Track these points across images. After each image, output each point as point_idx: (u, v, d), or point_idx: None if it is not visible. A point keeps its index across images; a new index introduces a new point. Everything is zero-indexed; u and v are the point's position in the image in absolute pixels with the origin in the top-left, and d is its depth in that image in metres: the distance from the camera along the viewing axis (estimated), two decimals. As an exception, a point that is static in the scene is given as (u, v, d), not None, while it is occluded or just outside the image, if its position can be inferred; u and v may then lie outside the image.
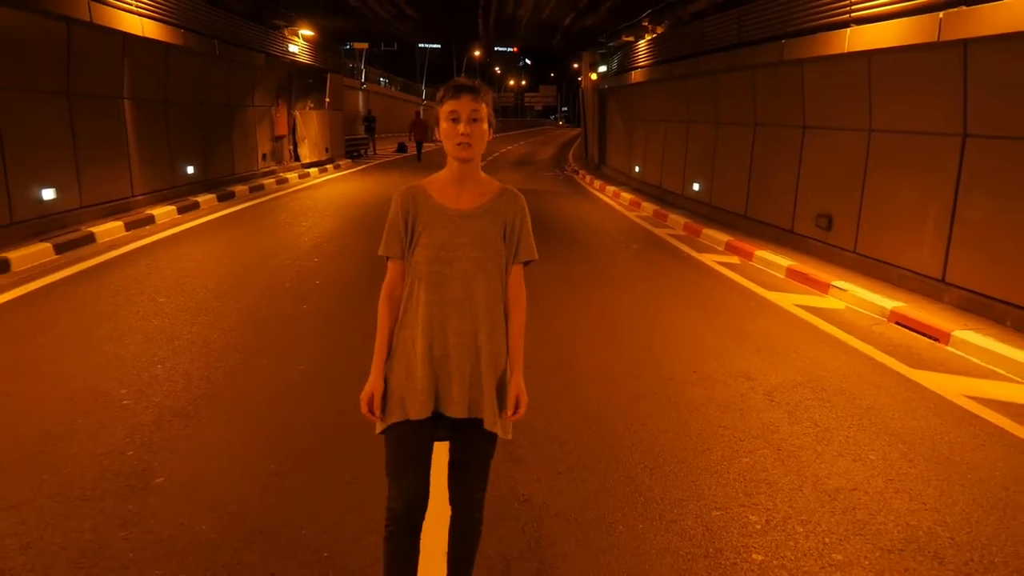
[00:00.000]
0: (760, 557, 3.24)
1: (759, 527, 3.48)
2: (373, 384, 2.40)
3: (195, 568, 3.00)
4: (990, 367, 5.99)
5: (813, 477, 4.00)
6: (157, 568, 2.99)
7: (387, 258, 2.46)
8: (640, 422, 4.65)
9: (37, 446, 4.00)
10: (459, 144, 2.32)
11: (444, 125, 2.35)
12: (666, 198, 16.02)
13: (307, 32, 20.99)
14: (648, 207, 15.19)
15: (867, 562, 3.22)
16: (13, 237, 8.72)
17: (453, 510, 2.56)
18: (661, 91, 16.85)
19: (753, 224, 11.68)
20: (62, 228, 9.72)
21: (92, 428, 4.24)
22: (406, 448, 2.42)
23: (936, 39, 7.11)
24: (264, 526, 3.32)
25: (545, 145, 48.83)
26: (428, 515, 2.48)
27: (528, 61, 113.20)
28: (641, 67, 17.81)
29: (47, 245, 8.80)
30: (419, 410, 2.36)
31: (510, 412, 2.46)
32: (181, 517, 3.36)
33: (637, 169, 19.02)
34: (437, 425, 2.42)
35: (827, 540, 3.39)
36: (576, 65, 25.42)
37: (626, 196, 17.06)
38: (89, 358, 5.41)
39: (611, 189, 18.59)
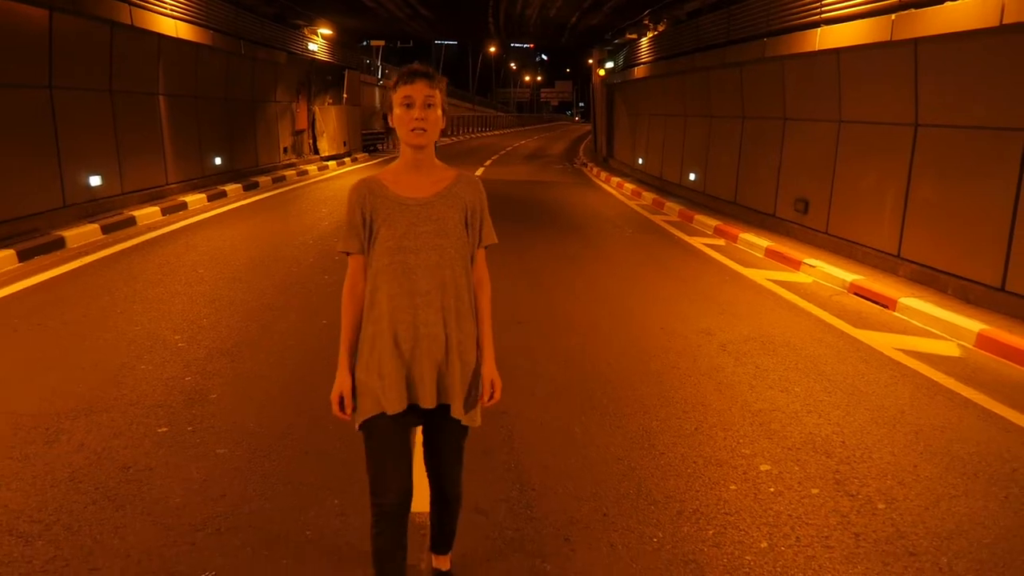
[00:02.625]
0: (684, 450, 4.14)
1: (688, 432, 4.38)
2: (341, 383, 2.39)
3: (248, 446, 3.95)
4: (925, 327, 6.84)
5: (743, 401, 4.89)
6: (220, 447, 3.95)
7: (347, 254, 2.42)
8: (607, 362, 5.57)
9: (117, 373, 4.96)
10: (413, 130, 2.30)
11: (398, 111, 2.32)
12: (666, 188, 16.87)
13: (326, 31, 22.00)
14: (648, 196, 16.05)
15: (768, 454, 4.12)
16: (66, 219, 9.74)
17: (431, 485, 2.62)
18: (661, 86, 17.70)
19: (741, 210, 12.53)
20: (106, 212, 10.74)
21: (157, 361, 5.21)
22: (386, 442, 2.40)
23: (889, 39, 7.95)
24: (296, 424, 4.26)
25: (558, 140, 49.65)
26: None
27: (544, 57, 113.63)
28: (643, 63, 18.68)
29: (95, 226, 9.81)
30: (394, 404, 2.34)
31: (485, 398, 2.48)
32: (233, 417, 4.32)
33: (640, 161, 19.88)
34: (411, 413, 2.41)
35: (741, 441, 4.28)
36: (590, 61, 26.22)
37: (628, 186, 17.92)
38: (145, 313, 6.38)
39: (615, 180, 19.46)
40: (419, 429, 2.54)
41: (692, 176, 15.31)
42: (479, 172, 21.90)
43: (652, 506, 3.52)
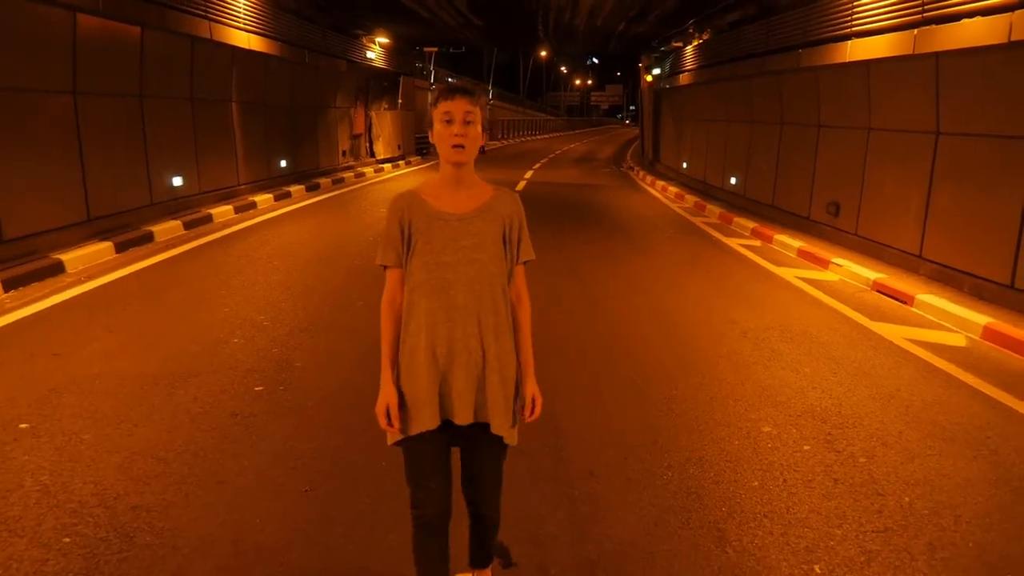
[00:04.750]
0: (697, 414, 4.82)
1: (703, 400, 5.06)
2: (387, 396, 2.39)
3: (331, 402, 4.76)
4: (938, 321, 7.38)
5: (755, 378, 5.55)
6: (307, 402, 4.76)
7: (385, 267, 2.45)
8: (636, 342, 6.27)
9: (215, 345, 5.83)
10: (453, 146, 2.30)
11: (438, 127, 2.32)
12: (708, 191, 17.41)
13: (383, 39, 23.02)
14: (690, 199, 16.63)
15: (770, 420, 4.78)
16: (153, 215, 10.76)
17: (469, 511, 2.62)
18: (705, 93, 18.26)
19: (778, 212, 13.07)
20: (186, 209, 11.75)
21: (247, 336, 6.06)
22: (422, 460, 2.42)
23: (912, 52, 8.49)
24: (370, 386, 5.05)
25: (607, 144, 50.19)
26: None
27: (595, 60, 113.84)
28: (688, 71, 19.26)
29: (178, 222, 10.82)
30: (427, 421, 2.35)
31: (526, 414, 2.47)
32: (317, 382, 5.14)
33: (685, 165, 20.44)
34: (449, 432, 2.42)
35: (748, 408, 4.95)
36: (641, 65, 26.83)
37: (672, 190, 18.50)
38: (231, 297, 7.27)
39: (660, 184, 20.04)
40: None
41: (733, 180, 15.86)
42: (528, 175, 22.70)
43: (665, 453, 4.23)
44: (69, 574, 2.97)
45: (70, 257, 8.25)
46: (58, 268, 8.00)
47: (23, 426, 4.28)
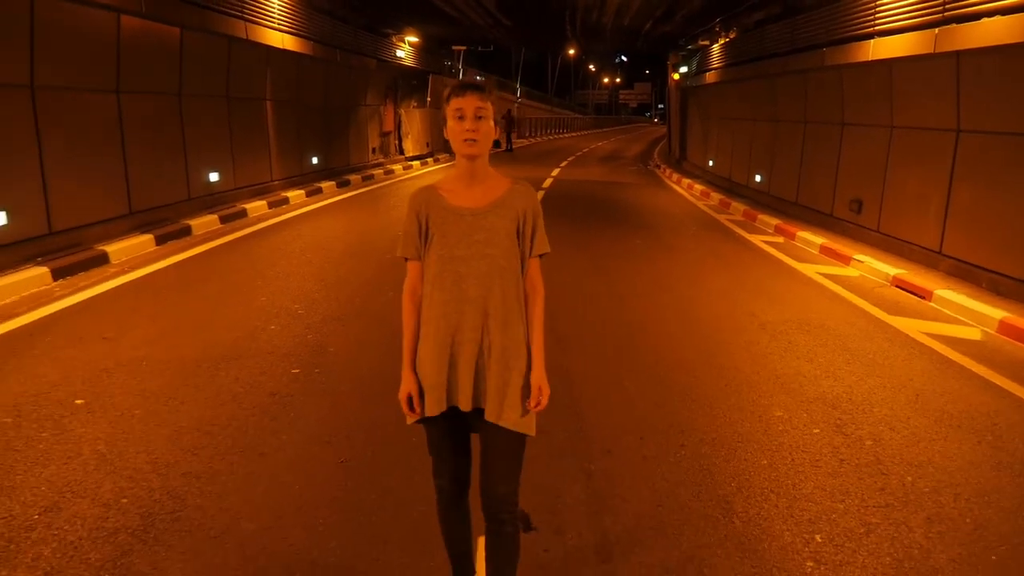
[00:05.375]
0: (713, 400, 5.03)
1: (719, 387, 5.27)
2: (408, 384, 2.50)
3: (363, 385, 5.04)
4: (955, 315, 7.50)
5: (771, 367, 5.74)
6: (343, 385, 5.05)
7: (405, 259, 2.56)
8: (656, 333, 6.48)
9: (253, 331, 6.14)
10: (465, 140, 2.38)
11: (451, 123, 2.41)
12: (734, 189, 17.52)
13: (412, 38, 23.36)
14: (716, 196, 16.75)
15: (783, 405, 4.98)
16: (191, 210, 11.14)
17: (484, 510, 2.58)
18: (730, 91, 18.36)
19: (802, 210, 13.18)
20: (222, 204, 12.13)
21: (283, 323, 6.37)
22: (437, 437, 2.58)
23: (933, 51, 8.60)
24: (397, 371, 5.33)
25: (635, 142, 50.23)
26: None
27: (624, 58, 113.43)
28: (714, 69, 19.37)
29: (214, 216, 11.19)
30: (433, 406, 2.47)
31: (532, 404, 2.48)
32: (350, 365, 5.43)
33: (711, 163, 20.54)
34: (463, 417, 2.52)
35: (762, 394, 5.15)
36: (669, 63, 26.96)
37: (698, 187, 18.61)
38: (267, 287, 7.59)
39: (686, 181, 20.16)
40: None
41: (758, 178, 15.96)
42: (555, 172, 22.91)
43: (680, 434, 4.45)
44: (127, 529, 3.27)
45: (114, 248, 8.62)
46: (103, 259, 8.37)
47: (79, 402, 4.60)
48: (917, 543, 3.39)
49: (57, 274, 7.58)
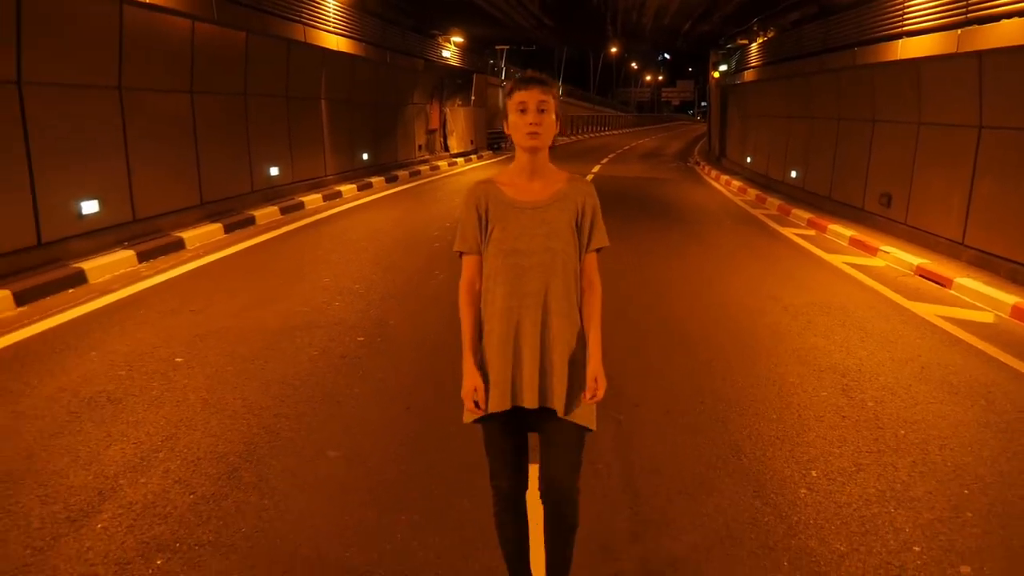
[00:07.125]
0: (734, 371, 5.61)
1: (740, 360, 5.83)
2: (472, 379, 2.46)
3: (422, 350, 5.71)
4: (972, 301, 7.94)
5: (790, 343, 6.29)
6: (403, 350, 5.74)
7: (461, 254, 2.53)
8: (686, 315, 7.06)
9: (321, 306, 6.86)
10: (528, 134, 2.36)
11: (512, 117, 2.39)
12: (770, 185, 17.92)
13: (458, 39, 24.12)
14: (752, 192, 17.18)
15: (796, 374, 5.53)
16: (253, 201, 11.99)
17: (543, 500, 2.55)
18: (768, 89, 18.76)
19: (834, 204, 13.59)
20: (281, 197, 12.96)
21: (346, 300, 7.09)
22: (495, 437, 2.54)
23: (956, 51, 9.03)
24: (453, 342, 6.00)
25: (675, 139, 50.47)
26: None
27: (666, 56, 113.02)
28: (752, 68, 19.77)
29: (275, 208, 12.01)
30: (497, 402, 2.43)
31: (588, 395, 2.45)
32: (408, 336, 6.12)
33: (748, 160, 20.93)
34: (523, 416, 2.48)
35: (779, 364, 5.71)
36: (710, 61, 27.34)
37: (736, 184, 19.04)
38: (329, 270, 8.33)
39: (724, 178, 20.58)
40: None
41: (793, 174, 16.36)
42: (596, 169, 23.47)
43: (701, 395, 5.04)
44: (235, 453, 3.98)
45: (188, 235, 9.45)
46: (180, 244, 9.20)
47: (179, 360, 5.35)
48: (900, 479, 3.94)
49: (141, 257, 8.41)
